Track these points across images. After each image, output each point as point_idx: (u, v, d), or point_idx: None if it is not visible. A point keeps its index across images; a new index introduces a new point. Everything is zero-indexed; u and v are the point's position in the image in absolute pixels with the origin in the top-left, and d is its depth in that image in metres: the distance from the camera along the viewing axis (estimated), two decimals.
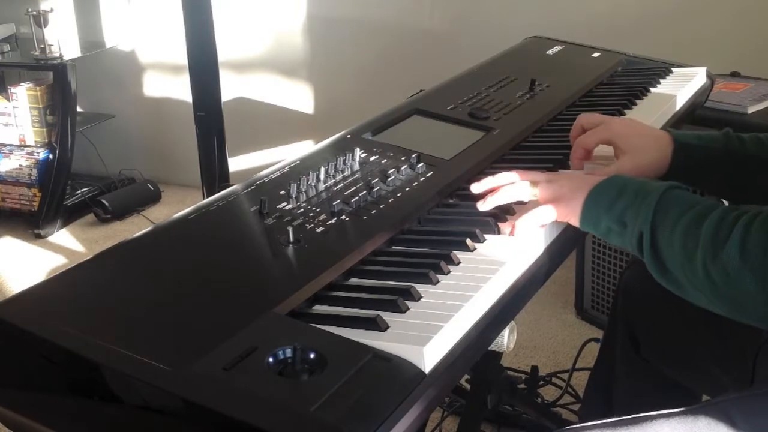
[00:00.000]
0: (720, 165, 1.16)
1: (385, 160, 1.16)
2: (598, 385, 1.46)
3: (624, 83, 1.61)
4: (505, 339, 1.00)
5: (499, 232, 1.01)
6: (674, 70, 1.69)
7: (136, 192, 3.35)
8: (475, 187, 1.06)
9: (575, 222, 0.99)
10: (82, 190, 3.28)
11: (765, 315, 0.84)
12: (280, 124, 3.26)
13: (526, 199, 1.03)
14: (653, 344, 1.32)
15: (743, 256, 0.82)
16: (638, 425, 0.92)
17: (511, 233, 0.99)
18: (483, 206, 1.04)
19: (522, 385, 1.76)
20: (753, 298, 0.82)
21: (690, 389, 1.33)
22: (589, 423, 0.95)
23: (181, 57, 2.34)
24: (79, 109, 3.18)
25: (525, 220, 0.99)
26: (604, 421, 0.95)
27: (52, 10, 3.08)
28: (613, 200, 0.95)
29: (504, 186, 1.03)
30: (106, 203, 3.17)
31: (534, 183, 1.02)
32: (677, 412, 0.92)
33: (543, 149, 1.28)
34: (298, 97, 3.20)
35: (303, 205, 1.02)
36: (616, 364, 1.39)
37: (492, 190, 1.04)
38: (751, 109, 1.88)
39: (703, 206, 0.89)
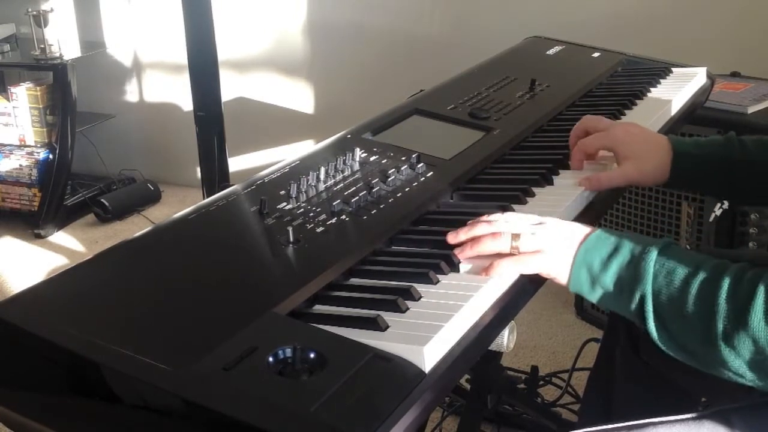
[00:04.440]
0: (721, 170, 1.16)
1: (385, 160, 1.16)
2: (597, 385, 1.46)
3: (624, 83, 1.61)
4: (505, 339, 1.00)
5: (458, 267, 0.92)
6: (674, 70, 1.69)
7: (136, 192, 3.35)
8: (452, 238, 0.95)
9: (562, 282, 0.92)
10: (82, 190, 3.28)
11: None
12: (280, 124, 3.26)
13: (507, 251, 0.92)
14: (652, 346, 1.32)
15: None
16: (640, 431, 0.92)
17: (486, 273, 0.90)
18: (461, 255, 0.93)
19: (522, 385, 1.76)
20: None
21: (688, 391, 1.33)
22: (591, 428, 0.95)
23: (181, 57, 2.34)
24: (79, 109, 3.18)
25: (505, 265, 0.90)
26: (606, 426, 0.94)
27: (52, 10, 3.08)
28: (605, 261, 0.88)
29: (484, 237, 0.93)
30: (106, 203, 3.17)
31: (516, 236, 0.92)
32: (680, 419, 0.92)
33: (543, 149, 1.28)
34: (298, 97, 3.20)
35: (303, 205, 1.02)
36: (616, 365, 1.39)
37: (472, 239, 0.94)
38: (751, 109, 1.88)
39: (712, 265, 0.84)
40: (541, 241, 0.92)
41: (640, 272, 0.86)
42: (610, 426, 0.94)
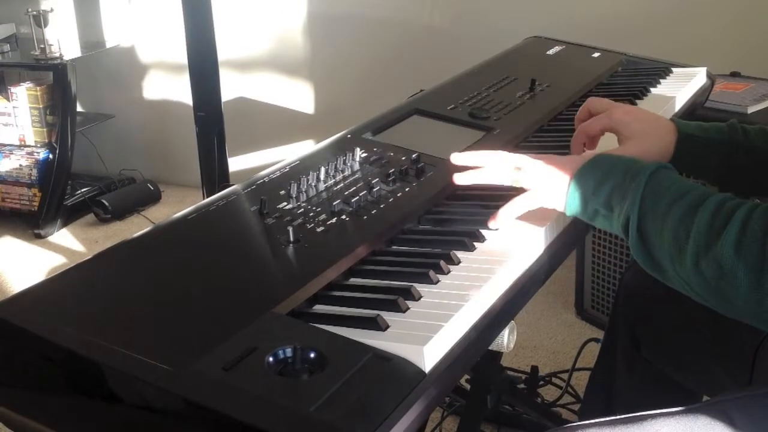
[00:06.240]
0: (723, 156, 1.16)
1: (385, 160, 1.16)
2: (598, 385, 1.46)
3: (624, 83, 1.61)
4: (505, 339, 1.00)
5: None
6: (674, 70, 1.69)
7: (136, 192, 3.35)
8: (455, 158, 1.02)
9: (561, 207, 0.97)
10: (82, 190, 3.28)
11: (755, 313, 0.81)
12: (280, 124, 3.26)
13: (507, 184, 0.99)
14: (654, 344, 1.32)
15: (738, 251, 0.80)
16: (637, 424, 0.92)
17: (492, 219, 0.96)
18: (459, 179, 1.00)
19: (522, 385, 1.76)
20: (745, 295, 0.80)
21: (690, 389, 1.33)
22: (589, 421, 0.95)
23: (181, 57, 2.34)
24: (79, 109, 3.18)
25: (507, 209, 0.96)
26: (604, 419, 0.95)
27: (52, 10, 3.08)
28: (599, 182, 0.92)
29: (488, 167, 1.00)
30: (106, 203, 3.17)
31: (517, 168, 0.98)
32: (677, 411, 0.92)
33: (543, 149, 1.27)
34: (298, 97, 3.20)
35: (303, 205, 1.02)
36: (617, 364, 1.39)
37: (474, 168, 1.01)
38: (751, 109, 1.88)
39: (697, 194, 0.87)
40: (540, 171, 0.96)
41: (630, 192, 0.89)
42: (607, 419, 0.94)
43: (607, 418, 0.94)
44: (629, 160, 0.94)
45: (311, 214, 1.00)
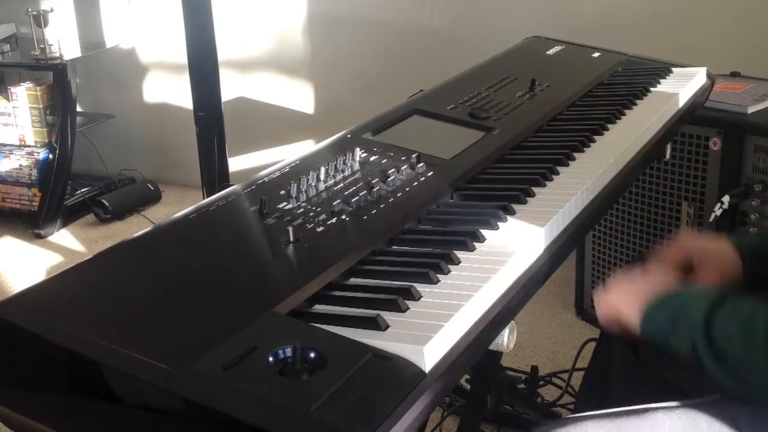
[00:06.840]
0: None
1: (385, 160, 1.16)
2: (592, 384, 1.46)
3: (624, 83, 1.61)
4: (505, 339, 1.00)
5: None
6: (674, 70, 1.69)
7: (136, 192, 3.35)
8: None
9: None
10: (82, 190, 3.28)
11: None
12: (280, 124, 3.26)
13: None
14: (653, 348, 1.32)
15: None
16: (639, 417, 0.92)
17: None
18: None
19: (522, 385, 1.76)
20: None
21: (689, 394, 1.32)
22: (589, 413, 0.95)
23: (181, 57, 2.34)
24: (79, 109, 3.18)
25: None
26: (604, 411, 0.95)
27: (52, 10, 3.08)
28: (666, 331, 0.98)
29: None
30: (106, 203, 3.17)
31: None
32: (678, 405, 0.92)
33: (543, 149, 1.28)
34: (298, 97, 3.20)
35: (303, 205, 1.02)
36: (614, 366, 1.39)
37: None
38: (751, 109, 1.88)
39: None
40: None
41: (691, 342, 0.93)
42: (607, 411, 0.94)
43: (608, 411, 0.94)
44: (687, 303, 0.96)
45: (311, 214, 1.00)
